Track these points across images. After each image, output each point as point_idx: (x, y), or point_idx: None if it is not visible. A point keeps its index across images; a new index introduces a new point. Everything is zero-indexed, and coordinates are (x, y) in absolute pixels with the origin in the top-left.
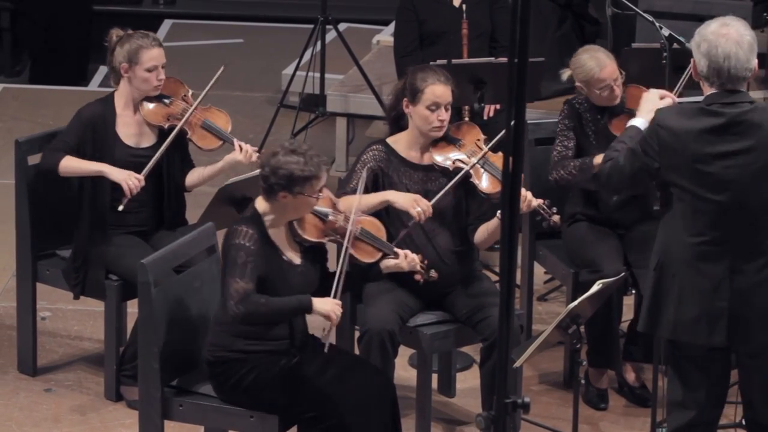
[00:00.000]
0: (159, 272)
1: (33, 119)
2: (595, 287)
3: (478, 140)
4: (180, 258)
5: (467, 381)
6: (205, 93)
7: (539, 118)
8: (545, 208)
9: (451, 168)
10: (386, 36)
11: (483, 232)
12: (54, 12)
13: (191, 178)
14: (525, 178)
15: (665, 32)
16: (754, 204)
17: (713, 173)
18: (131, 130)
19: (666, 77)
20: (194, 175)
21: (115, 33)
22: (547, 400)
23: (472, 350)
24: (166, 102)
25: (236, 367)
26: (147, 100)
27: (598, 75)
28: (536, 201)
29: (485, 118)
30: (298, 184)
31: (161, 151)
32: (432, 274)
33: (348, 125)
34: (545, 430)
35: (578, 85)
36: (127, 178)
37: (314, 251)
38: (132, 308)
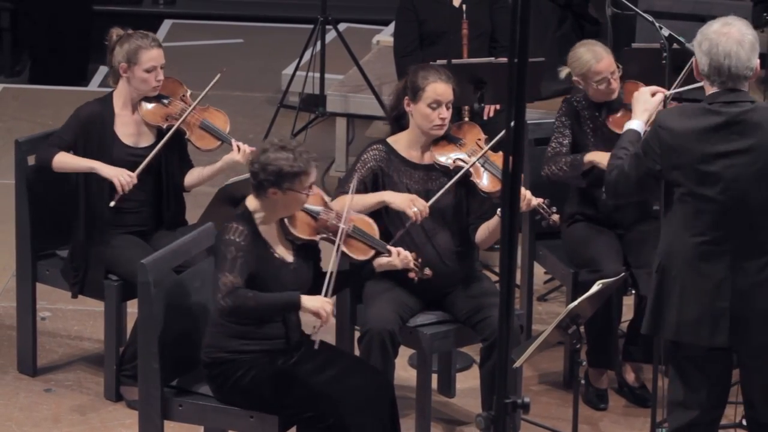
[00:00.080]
0: (159, 272)
1: (33, 119)
2: (595, 287)
3: (479, 140)
4: (180, 258)
5: (467, 381)
6: (203, 95)
7: (539, 118)
8: (545, 208)
9: (452, 167)
10: (386, 36)
11: (484, 231)
12: (54, 12)
13: (190, 178)
14: (525, 178)
15: (665, 32)
16: (755, 203)
17: (714, 172)
18: (130, 130)
19: (666, 77)
20: (193, 175)
21: (116, 32)
22: (547, 400)
23: (472, 350)
24: (165, 102)
25: (233, 368)
26: (146, 100)
27: (595, 67)
28: (536, 200)
29: (485, 118)
30: (288, 180)
31: (157, 150)
32: (426, 272)
33: (348, 125)
34: (545, 430)
35: (575, 80)
36: (119, 175)
37: (307, 250)
38: (132, 308)
